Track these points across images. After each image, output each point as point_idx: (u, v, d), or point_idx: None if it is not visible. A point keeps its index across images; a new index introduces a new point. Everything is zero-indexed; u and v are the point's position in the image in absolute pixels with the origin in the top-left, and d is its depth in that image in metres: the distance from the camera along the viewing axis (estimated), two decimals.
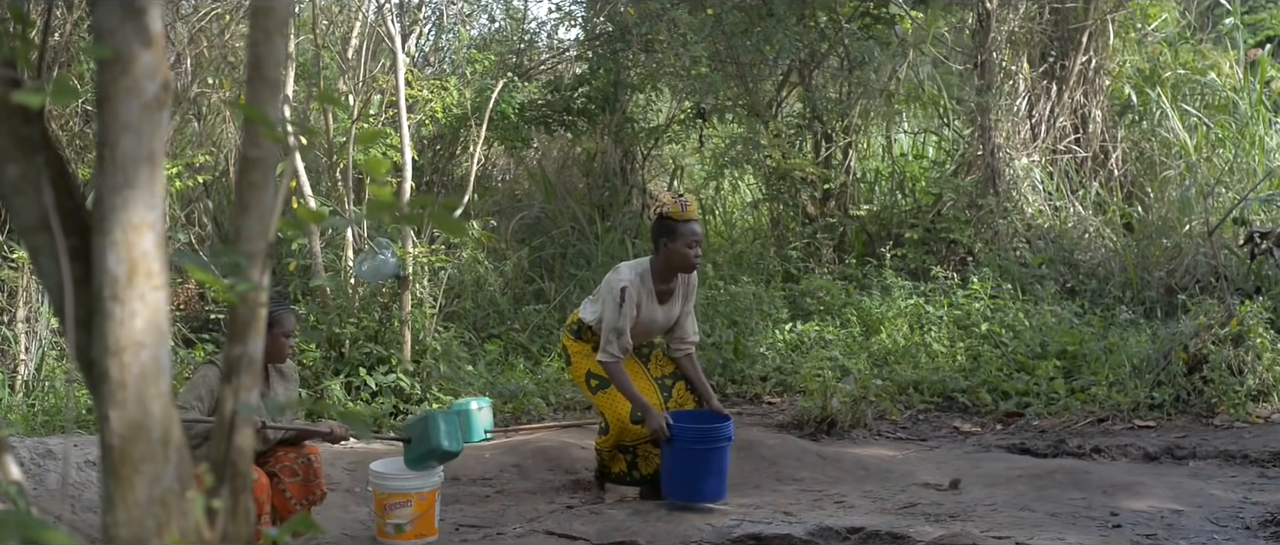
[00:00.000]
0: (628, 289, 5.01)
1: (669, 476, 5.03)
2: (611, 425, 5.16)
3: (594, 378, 5.17)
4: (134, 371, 1.48)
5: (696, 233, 5.04)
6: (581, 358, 5.21)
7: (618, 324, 5.01)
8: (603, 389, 5.15)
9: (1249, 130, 9.34)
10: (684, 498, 5.01)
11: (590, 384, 5.19)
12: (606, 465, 5.35)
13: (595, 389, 5.17)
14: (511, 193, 10.77)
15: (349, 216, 7.03)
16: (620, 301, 5.01)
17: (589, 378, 5.19)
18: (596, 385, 5.16)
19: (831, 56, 9.59)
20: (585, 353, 5.20)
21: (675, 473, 5.00)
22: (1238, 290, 7.52)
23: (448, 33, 11.03)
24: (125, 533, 1.47)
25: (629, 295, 5.01)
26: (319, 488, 4.57)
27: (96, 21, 1.50)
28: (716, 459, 5.00)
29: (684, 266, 5.06)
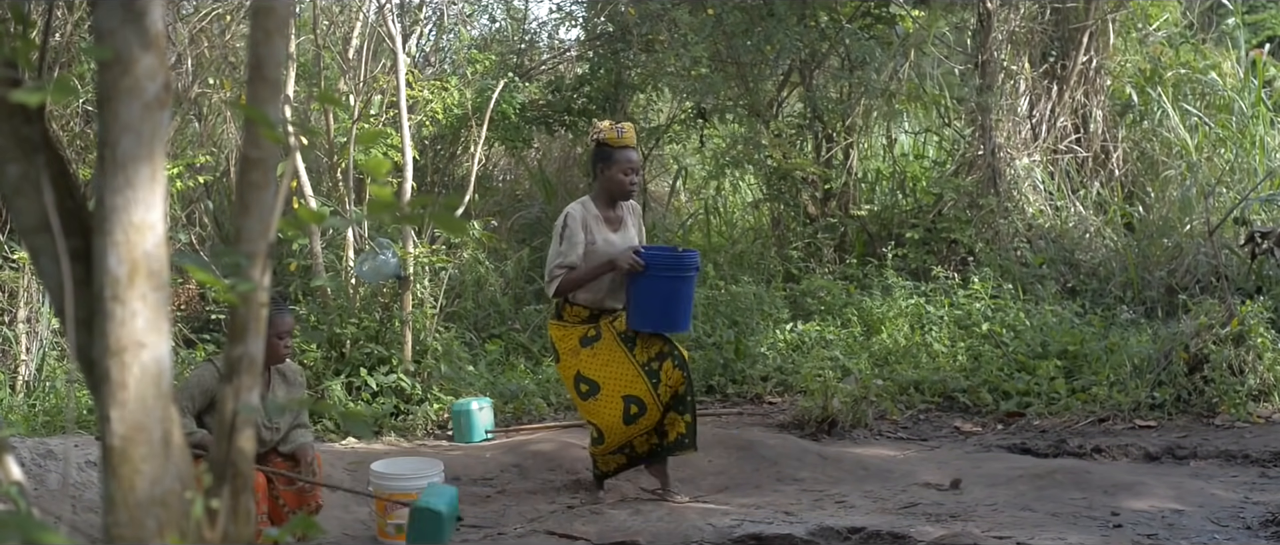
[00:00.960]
0: (570, 214, 5.07)
1: (638, 308, 5.06)
2: (606, 434, 5.16)
3: (584, 382, 5.15)
4: (135, 372, 1.48)
5: (632, 160, 5.17)
6: (570, 356, 5.18)
7: (561, 252, 5.04)
8: (593, 396, 5.14)
9: (1250, 130, 9.34)
10: (653, 327, 5.09)
11: (580, 389, 5.17)
12: (602, 469, 5.35)
13: (585, 396, 5.16)
14: (512, 193, 10.77)
15: (350, 217, 7.04)
16: (562, 227, 5.05)
17: (579, 382, 5.17)
18: (586, 391, 5.15)
19: (832, 56, 9.59)
20: (572, 347, 5.17)
21: (645, 303, 5.05)
22: (1238, 290, 7.52)
23: (448, 33, 11.04)
24: (126, 533, 1.47)
25: (572, 219, 5.05)
26: (314, 499, 4.54)
27: (97, 22, 1.50)
28: (685, 288, 5.09)
29: (620, 193, 5.16)
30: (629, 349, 5.17)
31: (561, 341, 5.22)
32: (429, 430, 6.71)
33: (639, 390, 5.12)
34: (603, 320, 5.19)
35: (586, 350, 5.17)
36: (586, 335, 5.17)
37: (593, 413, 5.16)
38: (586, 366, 5.16)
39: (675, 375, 5.19)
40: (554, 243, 5.11)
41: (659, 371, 5.18)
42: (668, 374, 5.19)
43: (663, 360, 5.18)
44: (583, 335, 5.18)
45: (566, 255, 5.04)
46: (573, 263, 5.04)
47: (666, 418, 5.22)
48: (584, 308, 5.18)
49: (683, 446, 5.24)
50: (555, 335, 5.25)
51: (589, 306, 5.17)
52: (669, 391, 5.17)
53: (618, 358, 5.16)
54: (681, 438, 5.23)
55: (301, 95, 8.45)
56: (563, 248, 5.05)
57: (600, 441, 5.20)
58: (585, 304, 5.17)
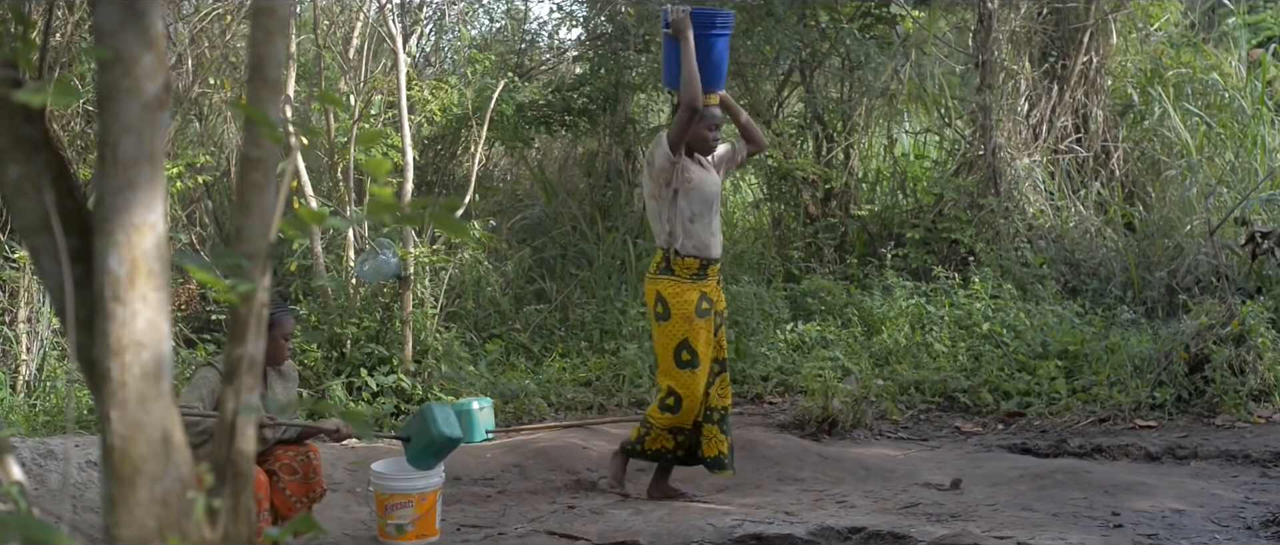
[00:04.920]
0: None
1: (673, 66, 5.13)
2: (685, 406, 5.10)
3: (687, 351, 5.08)
4: (135, 372, 1.48)
5: (716, 116, 5.25)
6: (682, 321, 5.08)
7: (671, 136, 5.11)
8: (691, 367, 5.08)
9: (1250, 130, 9.33)
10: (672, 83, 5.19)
11: (681, 357, 5.09)
12: (647, 442, 5.25)
13: (684, 365, 5.09)
14: (512, 193, 10.76)
15: (350, 217, 7.03)
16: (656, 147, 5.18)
17: (682, 349, 5.08)
18: (686, 360, 5.08)
19: (832, 56, 9.59)
20: (688, 312, 5.08)
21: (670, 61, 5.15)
22: (1239, 290, 7.52)
23: (448, 33, 11.03)
24: (127, 533, 1.47)
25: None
26: (319, 485, 4.57)
27: (97, 22, 1.50)
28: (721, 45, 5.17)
29: (703, 148, 5.21)
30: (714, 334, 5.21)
31: (676, 299, 5.10)
32: None
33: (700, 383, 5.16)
34: (709, 283, 5.16)
35: (701, 320, 5.11)
36: (702, 306, 5.12)
37: (684, 383, 5.10)
38: (696, 336, 5.10)
39: (727, 392, 5.27)
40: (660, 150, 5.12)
41: (717, 377, 5.22)
42: (722, 386, 5.23)
43: (723, 370, 5.26)
44: (699, 303, 5.12)
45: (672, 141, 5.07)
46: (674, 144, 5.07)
47: (705, 429, 5.20)
48: (693, 258, 5.11)
49: (722, 466, 5.24)
50: (669, 291, 5.11)
51: (697, 255, 5.11)
52: (720, 402, 5.21)
53: (711, 341, 5.17)
54: (721, 456, 5.22)
55: (302, 95, 8.45)
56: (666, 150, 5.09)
57: (676, 409, 5.13)
58: (693, 253, 5.10)
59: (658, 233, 5.18)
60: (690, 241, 5.12)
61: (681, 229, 5.10)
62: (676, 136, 5.10)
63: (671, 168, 5.10)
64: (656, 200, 5.16)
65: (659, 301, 5.16)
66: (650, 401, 6.35)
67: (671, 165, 5.10)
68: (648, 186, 5.25)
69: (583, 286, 8.80)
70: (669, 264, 5.14)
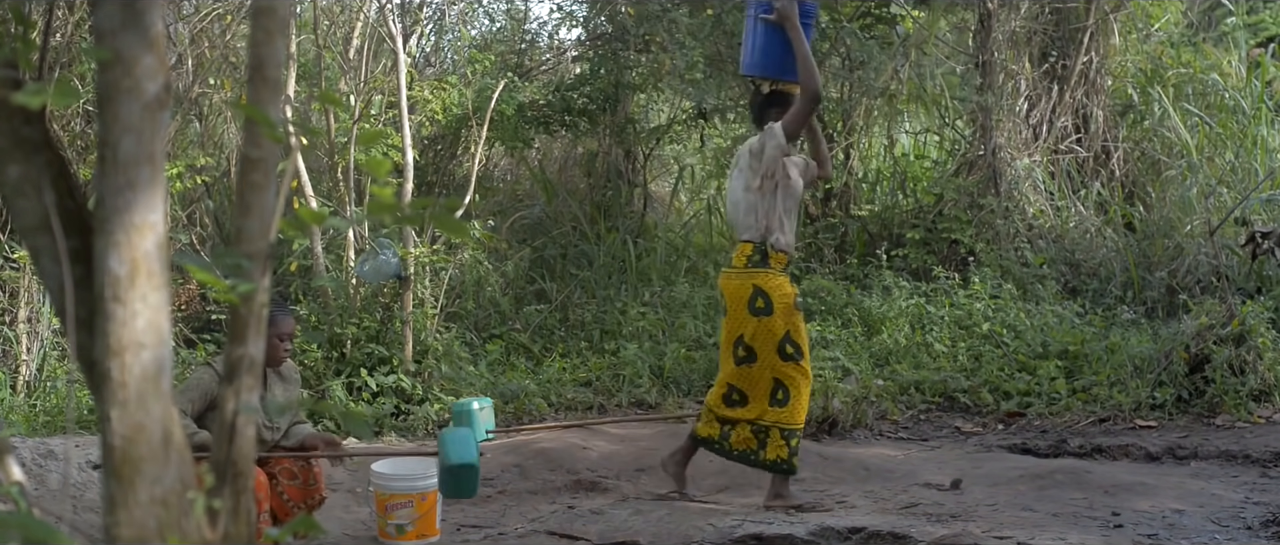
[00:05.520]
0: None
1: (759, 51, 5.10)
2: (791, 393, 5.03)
3: (791, 345, 5.00)
4: (135, 372, 1.48)
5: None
6: (784, 314, 4.98)
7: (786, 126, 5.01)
8: (795, 361, 5.00)
9: (1250, 130, 9.33)
10: (762, 71, 5.12)
11: (785, 351, 5.00)
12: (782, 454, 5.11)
13: (788, 357, 5.00)
14: (512, 193, 10.76)
15: (350, 217, 7.03)
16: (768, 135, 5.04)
17: (785, 343, 4.99)
18: (791, 352, 5.00)
19: (833, 56, 9.58)
20: (789, 306, 4.99)
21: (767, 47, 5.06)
22: (1239, 290, 7.52)
23: (448, 33, 11.03)
24: (127, 533, 1.47)
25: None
26: (318, 492, 4.55)
27: (97, 22, 1.50)
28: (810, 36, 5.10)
29: (796, 136, 5.12)
30: None
31: (777, 292, 5.00)
32: (429, 430, 6.71)
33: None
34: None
35: (798, 315, 5.04)
36: (798, 301, 5.06)
37: (789, 374, 5.03)
38: (796, 330, 5.02)
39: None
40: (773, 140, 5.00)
41: None
42: None
43: None
44: (796, 297, 5.05)
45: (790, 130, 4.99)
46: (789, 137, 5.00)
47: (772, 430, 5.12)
48: (783, 254, 5.04)
49: (780, 469, 5.13)
50: (769, 284, 5.00)
51: (786, 251, 5.05)
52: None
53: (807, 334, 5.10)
54: (781, 462, 5.11)
55: (302, 95, 8.45)
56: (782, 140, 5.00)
57: (785, 403, 5.04)
58: (784, 249, 5.03)
59: (748, 226, 5.02)
60: (783, 237, 5.02)
61: (777, 224, 5.00)
62: (795, 127, 4.99)
63: (781, 159, 4.99)
64: (753, 193, 5.01)
65: (758, 295, 5.01)
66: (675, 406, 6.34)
67: (784, 156, 5.00)
68: (744, 177, 5.06)
69: (583, 286, 8.80)
70: (764, 258, 5.01)
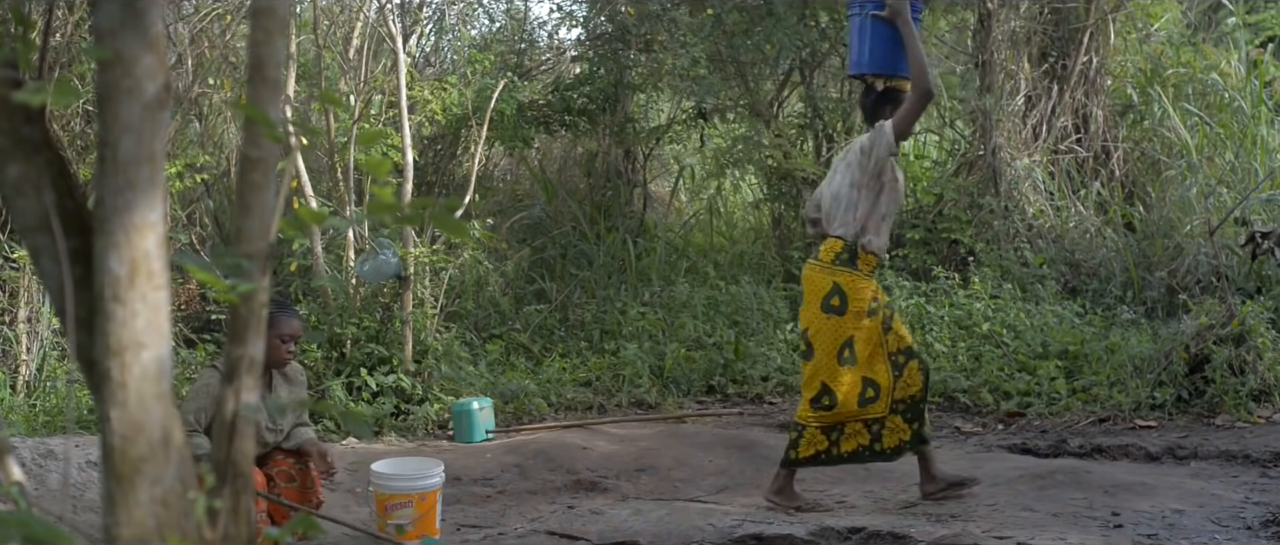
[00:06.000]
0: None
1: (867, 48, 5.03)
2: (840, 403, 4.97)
3: (848, 349, 4.95)
4: (135, 372, 1.48)
5: None
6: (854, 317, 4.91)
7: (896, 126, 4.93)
8: (848, 365, 4.95)
9: (1250, 130, 9.33)
10: (876, 68, 5.04)
11: (842, 354, 4.96)
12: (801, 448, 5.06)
13: (842, 361, 4.96)
14: (512, 193, 10.77)
15: (350, 217, 7.03)
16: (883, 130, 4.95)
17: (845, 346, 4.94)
18: (846, 356, 4.95)
19: (833, 56, 9.59)
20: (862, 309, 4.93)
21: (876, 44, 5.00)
22: (1239, 290, 7.52)
23: (448, 33, 11.03)
24: (127, 533, 1.47)
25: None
26: (316, 496, 4.53)
27: (97, 22, 1.50)
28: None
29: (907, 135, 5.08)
30: (884, 334, 5.05)
31: (855, 294, 4.95)
32: (429, 430, 6.71)
33: (881, 377, 5.00)
34: (875, 283, 5.05)
35: (868, 321, 4.98)
36: (871, 305, 5.00)
37: (836, 379, 4.97)
38: (860, 335, 4.96)
39: (917, 378, 5.06)
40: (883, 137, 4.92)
41: (903, 367, 5.04)
42: (910, 375, 5.05)
43: (909, 358, 5.06)
44: (871, 302, 4.99)
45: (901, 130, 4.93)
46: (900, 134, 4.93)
47: (888, 420, 5.06)
48: (873, 256, 4.99)
49: (900, 452, 5.08)
50: (849, 284, 4.95)
51: (877, 254, 5.00)
52: (905, 392, 5.04)
53: (876, 340, 5.02)
54: (902, 444, 5.06)
55: (302, 95, 8.45)
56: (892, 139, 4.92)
57: (831, 407, 4.97)
58: (875, 251, 4.98)
59: (844, 222, 4.97)
60: (877, 240, 4.98)
61: (873, 225, 4.96)
62: (906, 126, 4.94)
63: (890, 158, 4.94)
64: (858, 189, 4.97)
65: (835, 293, 4.96)
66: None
67: (892, 156, 4.95)
68: (852, 173, 5.00)
69: (583, 286, 8.80)
70: (852, 257, 4.96)
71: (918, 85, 4.88)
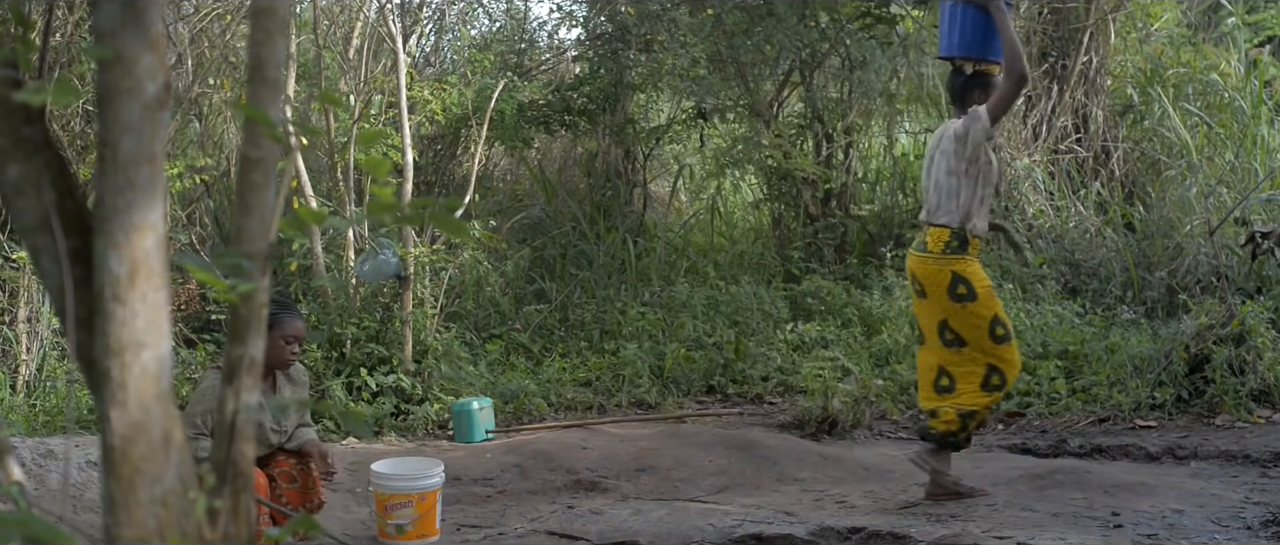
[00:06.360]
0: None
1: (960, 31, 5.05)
2: (1009, 380, 4.99)
3: (1000, 325, 4.95)
4: (135, 372, 1.48)
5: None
6: (988, 295, 4.94)
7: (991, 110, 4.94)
8: (1006, 341, 4.95)
9: (1250, 130, 9.33)
10: (967, 51, 5.06)
11: (996, 332, 4.94)
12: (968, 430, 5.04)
13: (1000, 339, 4.95)
14: (512, 193, 10.77)
15: (350, 217, 7.03)
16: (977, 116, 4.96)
17: (996, 324, 4.94)
18: (1002, 335, 4.95)
19: (833, 56, 9.59)
20: (990, 285, 4.98)
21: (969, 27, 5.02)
22: (1239, 290, 7.52)
23: (448, 33, 11.03)
24: (127, 533, 1.47)
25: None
26: (317, 496, 4.51)
27: (97, 22, 1.50)
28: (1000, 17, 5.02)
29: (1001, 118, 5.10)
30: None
31: (976, 278, 4.96)
32: (429, 430, 6.71)
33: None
34: None
35: (997, 298, 5.01)
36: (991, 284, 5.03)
37: (1005, 357, 4.96)
38: (1001, 309, 4.99)
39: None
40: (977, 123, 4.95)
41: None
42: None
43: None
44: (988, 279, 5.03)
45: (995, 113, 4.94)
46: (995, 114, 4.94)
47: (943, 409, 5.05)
48: (978, 240, 5.00)
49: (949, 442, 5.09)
50: (968, 270, 4.96)
51: (980, 237, 5.01)
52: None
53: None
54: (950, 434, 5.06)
55: (302, 95, 8.45)
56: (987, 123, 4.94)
57: (1001, 386, 4.97)
58: (979, 235, 4.99)
59: (948, 210, 4.97)
60: (981, 224, 4.99)
61: (976, 209, 4.97)
62: (1001, 110, 4.95)
63: (987, 143, 4.96)
64: (957, 177, 4.98)
65: (958, 282, 4.95)
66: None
67: (989, 140, 4.97)
68: (949, 161, 5.01)
69: (583, 286, 8.80)
70: (963, 244, 4.96)
71: (1012, 69, 4.89)
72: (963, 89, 5.10)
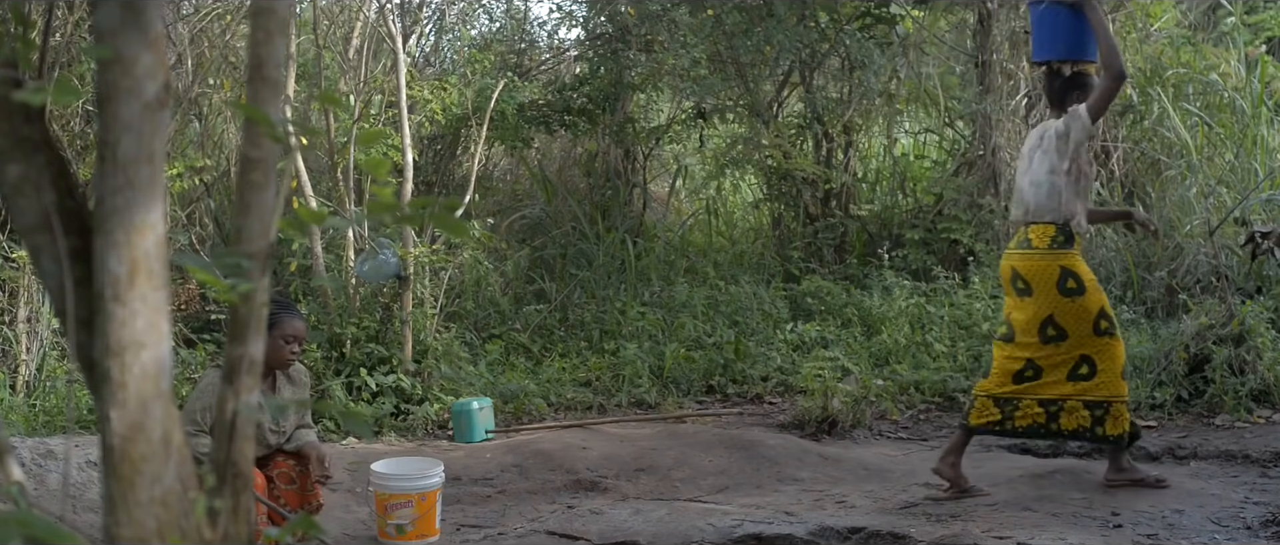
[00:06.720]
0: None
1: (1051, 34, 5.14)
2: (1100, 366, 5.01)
3: (1105, 319, 5.00)
4: (135, 372, 1.48)
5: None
6: (1095, 290, 5.00)
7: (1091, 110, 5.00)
8: (1111, 334, 5.00)
9: (1250, 130, 9.33)
10: (1063, 53, 5.12)
11: (1100, 325, 4.99)
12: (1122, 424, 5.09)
13: (1104, 332, 5.00)
14: (512, 193, 10.77)
15: (350, 217, 7.02)
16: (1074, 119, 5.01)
17: (1100, 317, 4.99)
18: (1105, 328, 5.00)
19: (832, 57, 9.59)
20: (1096, 281, 5.04)
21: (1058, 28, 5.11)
22: (1239, 290, 7.52)
23: (448, 33, 11.03)
24: (127, 533, 1.47)
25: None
26: (315, 497, 4.51)
27: (97, 22, 1.50)
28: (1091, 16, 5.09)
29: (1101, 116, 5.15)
30: None
31: (1085, 273, 5.03)
32: (429, 430, 6.71)
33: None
34: None
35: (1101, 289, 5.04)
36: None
37: (1103, 349, 5.00)
38: (1106, 302, 5.04)
39: None
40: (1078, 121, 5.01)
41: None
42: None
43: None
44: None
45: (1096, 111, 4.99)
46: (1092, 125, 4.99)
47: (1070, 403, 5.09)
48: (1081, 237, 5.05)
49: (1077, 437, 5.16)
50: (1078, 266, 5.02)
51: (1083, 235, 5.05)
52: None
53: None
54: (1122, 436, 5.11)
55: (301, 95, 8.45)
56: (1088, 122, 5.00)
57: (1089, 378, 5.01)
58: (1084, 232, 5.03)
59: (1051, 208, 5.01)
60: (1083, 220, 5.03)
61: (1079, 206, 5.00)
62: (1101, 107, 5.02)
63: (1089, 141, 5.00)
64: (1058, 175, 5.02)
65: (1068, 277, 5.00)
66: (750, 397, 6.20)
67: (1090, 138, 5.02)
68: (1051, 160, 5.06)
69: (583, 286, 8.80)
70: (1069, 239, 5.01)
71: (1110, 67, 4.97)
72: (1062, 90, 5.17)
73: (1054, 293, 5.01)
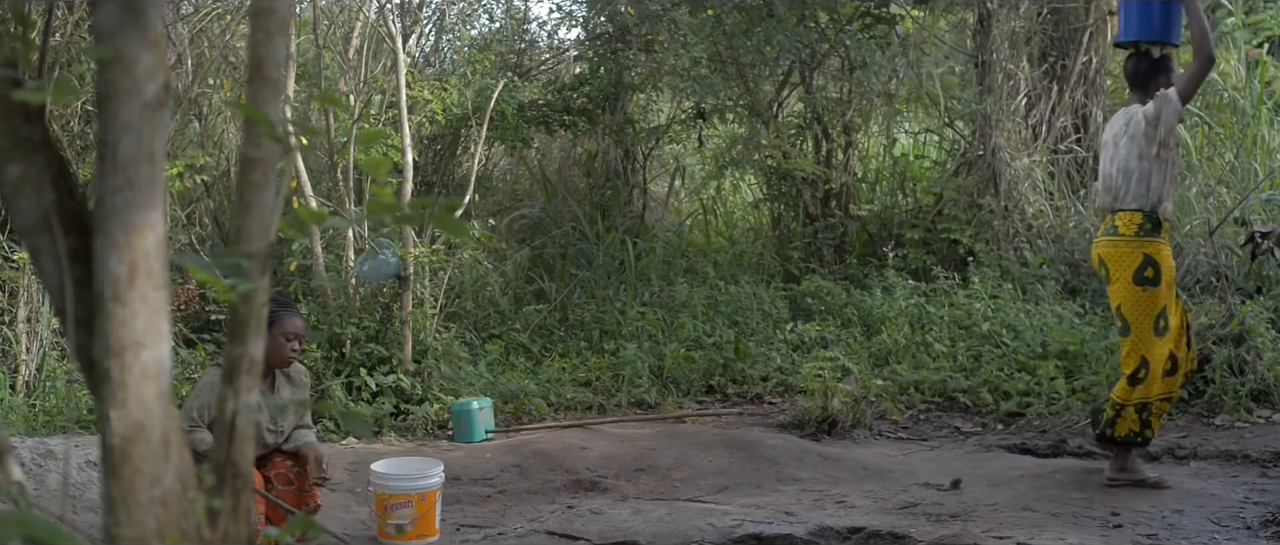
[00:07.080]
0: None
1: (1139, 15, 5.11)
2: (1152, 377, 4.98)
3: (1163, 319, 4.95)
4: (135, 372, 1.48)
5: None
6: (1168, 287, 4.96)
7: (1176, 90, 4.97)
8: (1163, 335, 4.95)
9: (1250, 130, 9.33)
10: (1148, 34, 5.09)
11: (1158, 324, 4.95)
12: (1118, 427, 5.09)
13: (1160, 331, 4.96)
14: (512, 193, 10.77)
15: (350, 217, 7.02)
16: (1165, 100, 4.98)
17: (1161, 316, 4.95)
18: (1162, 327, 4.96)
19: (832, 57, 9.59)
20: (1173, 278, 4.99)
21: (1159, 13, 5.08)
22: (1239, 290, 7.52)
23: (448, 33, 11.03)
24: (127, 533, 1.47)
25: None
26: (313, 498, 4.50)
27: (97, 22, 1.50)
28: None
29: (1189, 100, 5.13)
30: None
31: (1166, 264, 4.98)
32: (429, 430, 6.71)
33: (1180, 350, 5.02)
34: None
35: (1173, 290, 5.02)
36: (1175, 274, 5.04)
37: (1157, 351, 4.97)
38: (1171, 305, 4.99)
39: (1193, 355, 5.12)
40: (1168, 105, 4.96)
41: (1188, 342, 5.07)
42: (1190, 353, 5.09)
43: (1188, 332, 5.08)
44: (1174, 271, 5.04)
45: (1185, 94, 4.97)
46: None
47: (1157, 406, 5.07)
48: (1169, 224, 5.02)
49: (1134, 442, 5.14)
50: (1161, 255, 4.98)
51: (1171, 222, 5.03)
52: (1187, 365, 5.08)
53: (1182, 311, 5.06)
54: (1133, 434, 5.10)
55: (301, 95, 8.45)
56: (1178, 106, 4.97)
57: (1145, 380, 4.98)
58: (1170, 218, 5.01)
59: (1139, 194, 4.97)
60: (1170, 206, 5.01)
61: (1167, 192, 4.97)
62: (1191, 92, 4.99)
63: (1177, 125, 4.98)
64: (1148, 161, 4.98)
65: (1148, 265, 4.96)
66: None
67: (1180, 122, 5.00)
68: (1139, 145, 5.02)
69: (583, 286, 8.80)
70: (1156, 226, 4.97)
71: (1201, 51, 4.94)
72: (1146, 74, 5.13)
73: (1129, 280, 4.97)
